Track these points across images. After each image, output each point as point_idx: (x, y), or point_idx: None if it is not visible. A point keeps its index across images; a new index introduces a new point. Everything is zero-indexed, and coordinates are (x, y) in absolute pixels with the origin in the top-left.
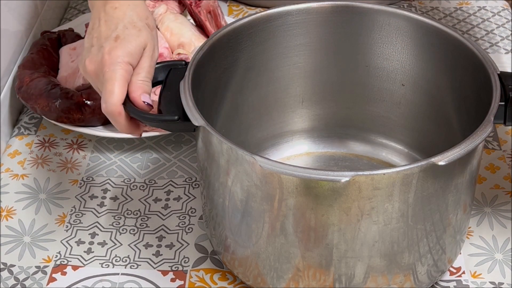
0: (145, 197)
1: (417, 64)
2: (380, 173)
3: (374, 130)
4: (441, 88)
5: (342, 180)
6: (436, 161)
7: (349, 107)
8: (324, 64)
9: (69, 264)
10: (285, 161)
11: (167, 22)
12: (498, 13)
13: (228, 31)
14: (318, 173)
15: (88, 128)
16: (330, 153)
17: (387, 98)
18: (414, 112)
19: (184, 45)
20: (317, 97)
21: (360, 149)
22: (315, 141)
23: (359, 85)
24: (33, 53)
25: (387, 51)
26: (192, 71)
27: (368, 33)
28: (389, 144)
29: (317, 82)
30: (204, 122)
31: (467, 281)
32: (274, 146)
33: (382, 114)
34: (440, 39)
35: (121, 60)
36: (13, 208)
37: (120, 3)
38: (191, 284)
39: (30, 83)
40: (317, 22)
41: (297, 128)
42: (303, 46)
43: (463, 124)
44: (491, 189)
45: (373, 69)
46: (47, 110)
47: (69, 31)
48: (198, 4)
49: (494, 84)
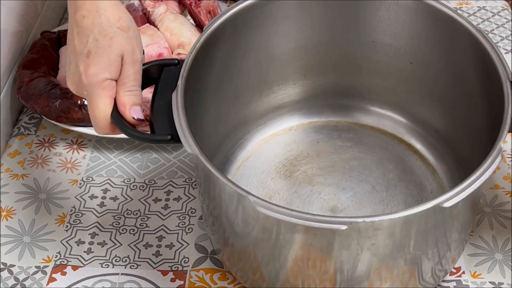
0: (145, 197)
1: (425, 45)
2: (381, 219)
3: (379, 101)
4: (449, 74)
5: (342, 228)
6: (442, 203)
7: (354, 79)
8: (327, 39)
9: (69, 264)
10: (286, 132)
11: (167, 22)
12: (498, 13)
13: (224, 20)
14: (317, 220)
15: (88, 128)
16: (333, 122)
17: (393, 73)
18: (420, 89)
19: (184, 45)
20: (320, 69)
21: (364, 119)
22: (318, 111)
23: (365, 59)
24: (33, 53)
25: (395, 29)
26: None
27: (375, 11)
28: (394, 116)
29: (321, 55)
30: (198, 150)
31: (467, 281)
32: (276, 117)
33: (388, 87)
34: (451, 27)
35: (98, 79)
36: (13, 208)
37: (88, 9)
38: (191, 284)
39: (30, 83)
40: (321, 2)
41: (299, 98)
42: (305, 24)
43: (467, 107)
44: (491, 189)
45: (380, 45)
46: (47, 110)
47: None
48: (198, 4)
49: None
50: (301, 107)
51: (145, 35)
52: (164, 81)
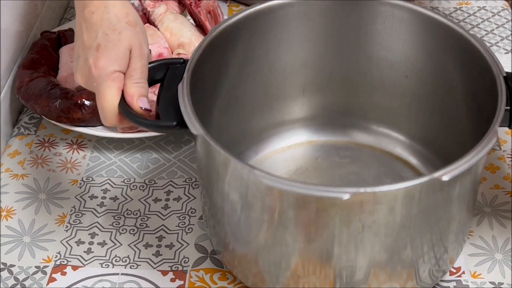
0: (145, 197)
1: (421, 56)
2: (382, 190)
3: (376, 119)
4: (444, 82)
5: (344, 198)
6: (440, 177)
7: (351, 96)
8: (326, 54)
9: (69, 264)
10: (285, 151)
11: (167, 22)
12: (498, 13)
13: (227, 25)
14: (319, 189)
15: (88, 128)
16: (332, 142)
17: (390, 89)
18: (417, 103)
19: (184, 45)
20: (318, 86)
21: (362, 138)
22: (317, 130)
23: (362, 75)
24: (33, 53)
25: (390, 42)
26: (191, 70)
27: (371, 24)
28: (391, 134)
29: (319, 71)
30: (203, 131)
31: (467, 281)
32: (275, 135)
33: (384, 104)
34: (445, 34)
35: (108, 71)
36: (13, 208)
37: (96, 5)
38: (191, 284)
39: (30, 83)
40: (319, 13)
41: (298, 116)
42: (305, 37)
43: (465, 117)
44: (491, 189)
45: (376, 59)
46: (47, 110)
47: (69, 31)
48: (198, 4)
49: (499, 87)
50: (300, 125)
51: None
52: (170, 78)
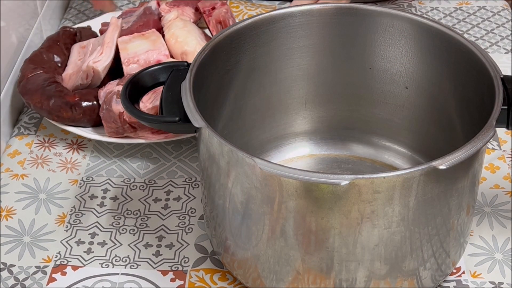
0: (145, 197)
1: (420, 66)
2: (380, 176)
3: (377, 132)
4: (444, 91)
5: (342, 183)
6: (437, 165)
7: (352, 109)
8: (327, 66)
9: (69, 264)
10: (287, 163)
11: (174, 29)
12: (498, 13)
13: (231, 32)
14: (318, 176)
15: (87, 131)
16: (333, 156)
17: (390, 101)
18: (417, 114)
19: (188, 54)
20: (320, 99)
21: (363, 151)
22: (318, 143)
23: (363, 87)
24: (43, 47)
25: (391, 53)
26: (194, 72)
27: (372, 35)
28: (392, 146)
29: (320, 84)
30: (204, 123)
31: (467, 281)
32: (277, 148)
33: (385, 117)
34: (444, 42)
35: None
36: (13, 208)
37: None
38: (191, 284)
39: (30, 77)
40: (320, 24)
41: (300, 130)
42: (306, 48)
43: (466, 127)
44: (491, 189)
45: (377, 71)
46: (39, 106)
47: (86, 28)
48: (211, 13)
49: (497, 88)
50: (302, 139)
51: (148, 40)
52: (173, 78)
